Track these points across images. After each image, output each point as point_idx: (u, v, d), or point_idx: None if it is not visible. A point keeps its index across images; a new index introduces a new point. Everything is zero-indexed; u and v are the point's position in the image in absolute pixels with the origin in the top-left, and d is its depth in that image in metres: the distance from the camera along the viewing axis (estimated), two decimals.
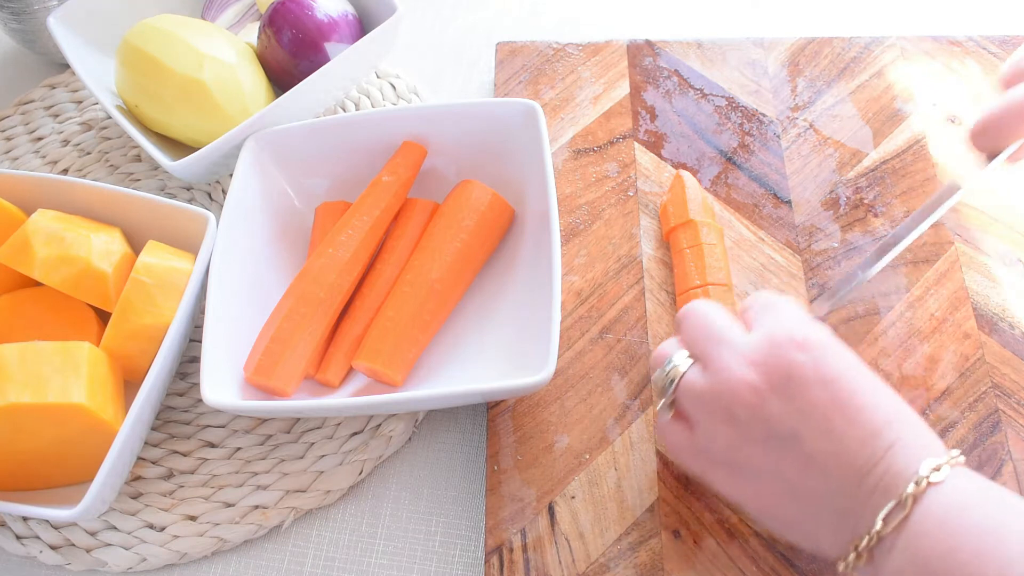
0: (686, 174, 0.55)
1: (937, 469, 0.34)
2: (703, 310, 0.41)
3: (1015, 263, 0.53)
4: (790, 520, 0.38)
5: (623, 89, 0.62)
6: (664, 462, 0.47)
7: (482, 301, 0.53)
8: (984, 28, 0.64)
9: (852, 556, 0.35)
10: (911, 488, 0.34)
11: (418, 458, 0.51)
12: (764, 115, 0.60)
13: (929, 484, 0.34)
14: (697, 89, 0.61)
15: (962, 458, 0.35)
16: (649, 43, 0.64)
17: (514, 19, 0.70)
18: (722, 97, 0.61)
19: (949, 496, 0.34)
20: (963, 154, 0.57)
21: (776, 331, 0.38)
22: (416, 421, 0.51)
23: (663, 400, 0.41)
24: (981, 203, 0.55)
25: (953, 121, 0.59)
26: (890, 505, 0.34)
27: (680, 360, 0.40)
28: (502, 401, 0.50)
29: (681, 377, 0.40)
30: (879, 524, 0.34)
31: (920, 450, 0.35)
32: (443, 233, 0.51)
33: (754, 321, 0.40)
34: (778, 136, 0.59)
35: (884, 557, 0.34)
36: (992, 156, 0.43)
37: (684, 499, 0.46)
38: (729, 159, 0.58)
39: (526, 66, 0.64)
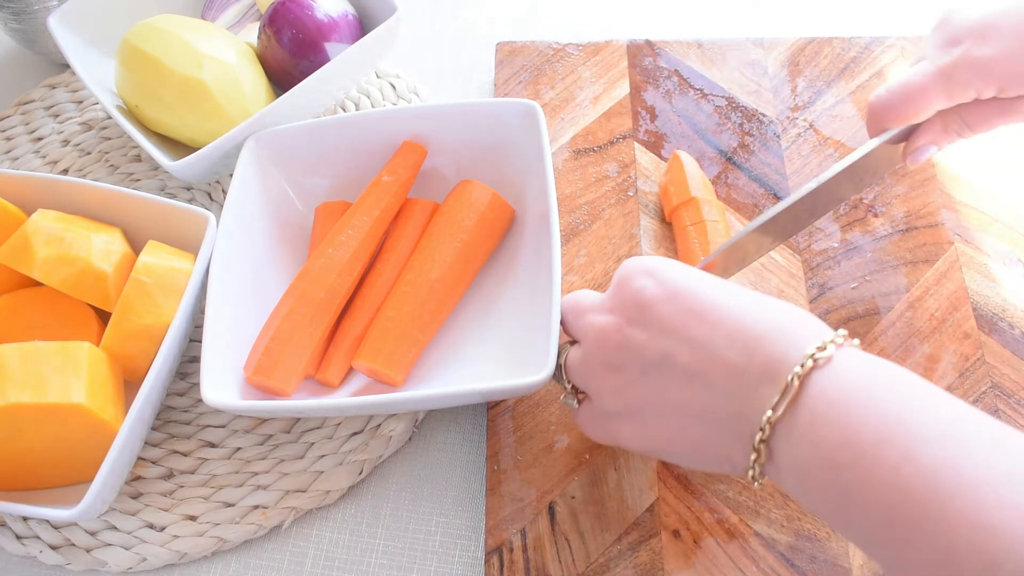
0: (683, 153, 0.55)
1: (822, 348, 0.33)
2: (568, 298, 0.43)
3: (1015, 263, 0.53)
4: (699, 446, 0.37)
5: (623, 89, 0.62)
6: (664, 462, 0.47)
7: (482, 301, 0.53)
8: None
9: (753, 458, 0.34)
10: (797, 369, 0.33)
11: (418, 458, 0.51)
12: (764, 115, 0.60)
13: (815, 364, 0.33)
14: (697, 89, 0.61)
15: (850, 338, 0.34)
16: (649, 43, 0.64)
17: (514, 19, 0.70)
18: (722, 97, 0.61)
19: (840, 376, 0.33)
20: (959, 151, 0.57)
21: (619, 273, 0.40)
22: (416, 421, 0.51)
23: (564, 391, 0.43)
24: (981, 203, 0.55)
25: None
26: (777, 393, 0.33)
27: (562, 349, 0.43)
28: (502, 401, 0.50)
29: (566, 362, 0.42)
30: (768, 413, 0.33)
31: (798, 334, 0.34)
32: (443, 233, 0.51)
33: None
34: (778, 136, 0.59)
35: (782, 451, 0.33)
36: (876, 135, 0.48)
37: (684, 499, 0.46)
38: (729, 159, 0.58)
39: (526, 66, 0.64)
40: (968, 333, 0.50)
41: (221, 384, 0.46)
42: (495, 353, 0.50)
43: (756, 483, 0.36)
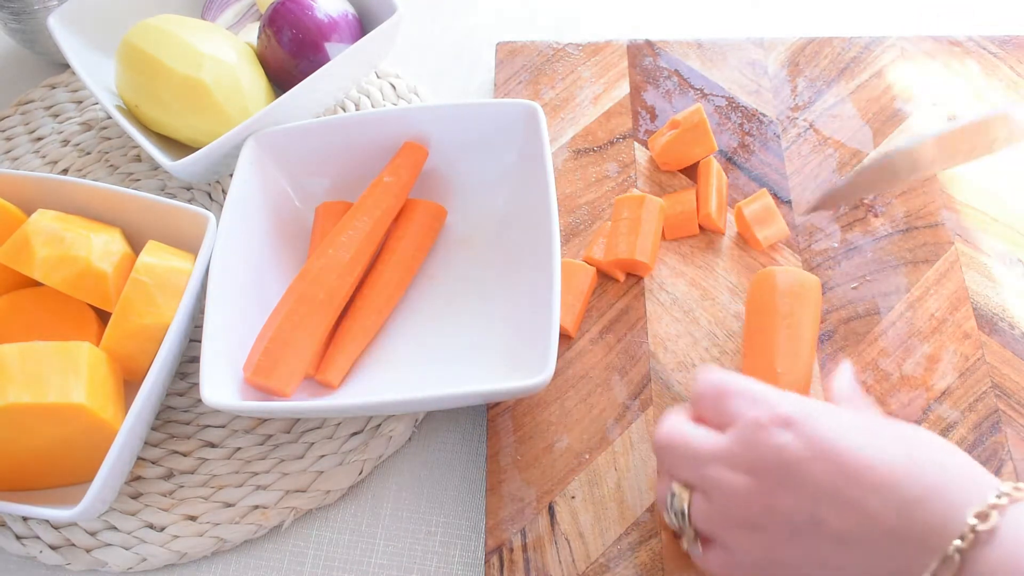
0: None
1: (984, 517, 0.31)
2: (668, 435, 0.39)
3: (1015, 263, 0.53)
4: None
5: (623, 89, 0.62)
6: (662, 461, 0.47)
7: (482, 302, 0.53)
8: (984, 28, 0.64)
9: None
10: (958, 543, 0.31)
11: (418, 458, 0.51)
12: (764, 115, 0.60)
13: (976, 538, 0.31)
14: (697, 89, 0.61)
15: (1014, 491, 0.32)
16: (649, 43, 0.64)
17: (514, 19, 0.70)
18: (722, 97, 0.61)
19: (1008, 553, 0.30)
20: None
21: (746, 424, 0.36)
22: (416, 421, 0.51)
23: (686, 537, 0.39)
24: (981, 203, 0.55)
25: (953, 121, 0.59)
26: (937, 561, 0.31)
27: (678, 494, 0.39)
28: (502, 401, 0.50)
29: (689, 511, 0.38)
30: None
31: (957, 496, 0.32)
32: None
33: (715, 416, 0.38)
34: (778, 136, 0.59)
35: None
36: None
37: None
38: (729, 159, 0.58)
39: (526, 66, 0.64)
40: (968, 333, 0.50)
41: (220, 384, 0.46)
42: (495, 354, 0.50)
43: None
